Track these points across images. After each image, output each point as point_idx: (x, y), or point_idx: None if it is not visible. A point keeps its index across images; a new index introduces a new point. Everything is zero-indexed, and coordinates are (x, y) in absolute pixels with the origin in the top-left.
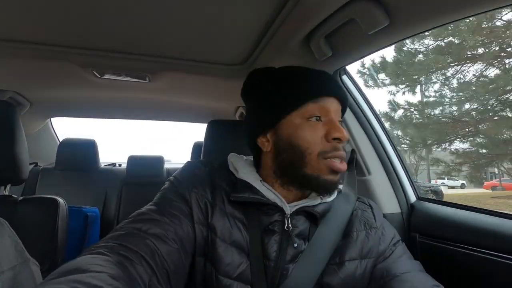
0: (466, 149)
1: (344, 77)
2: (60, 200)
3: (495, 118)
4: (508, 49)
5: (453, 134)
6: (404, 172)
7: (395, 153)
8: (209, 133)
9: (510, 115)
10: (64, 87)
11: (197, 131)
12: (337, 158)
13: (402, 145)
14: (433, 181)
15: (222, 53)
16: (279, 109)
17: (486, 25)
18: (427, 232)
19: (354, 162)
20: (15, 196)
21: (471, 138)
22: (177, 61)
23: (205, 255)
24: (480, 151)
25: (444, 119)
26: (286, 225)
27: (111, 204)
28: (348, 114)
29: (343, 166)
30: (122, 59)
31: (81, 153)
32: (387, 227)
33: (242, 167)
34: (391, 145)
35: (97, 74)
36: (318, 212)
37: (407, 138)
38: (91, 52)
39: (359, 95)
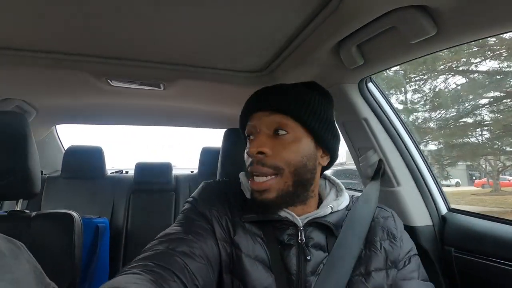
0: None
1: (370, 85)
2: (75, 214)
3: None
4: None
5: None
6: (434, 182)
7: (424, 162)
8: (226, 141)
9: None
10: (73, 95)
11: (204, 137)
12: (256, 175)
13: None
14: None
15: (242, 61)
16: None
17: None
18: (462, 245)
19: (380, 172)
20: (28, 211)
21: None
22: (193, 69)
23: (231, 272)
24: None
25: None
26: (299, 238)
27: (119, 212)
28: (375, 124)
29: (261, 185)
30: (136, 67)
31: (88, 160)
32: (406, 238)
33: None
34: (419, 154)
35: (110, 82)
36: (330, 222)
37: None
38: (104, 61)
39: (386, 103)
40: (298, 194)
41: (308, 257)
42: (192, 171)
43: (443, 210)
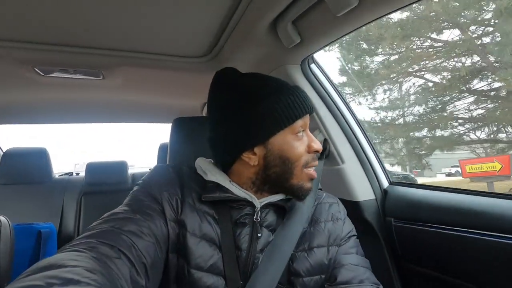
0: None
1: (313, 66)
2: (2, 218)
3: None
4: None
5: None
6: (376, 158)
7: (366, 140)
8: (174, 132)
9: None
10: (2, 89)
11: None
12: (313, 168)
13: None
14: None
15: (183, 45)
16: (273, 127)
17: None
18: (401, 215)
19: (325, 152)
20: None
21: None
22: (133, 54)
23: (177, 251)
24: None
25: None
26: (255, 217)
27: (69, 217)
28: (319, 104)
29: (315, 173)
30: (70, 54)
31: (30, 163)
32: (348, 222)
33: (211, 170)
34: (362, 133)
35: (40, 72)
36: (287, 205)
37: None
38: (31, 46)
39: (329, 84)
40: None
41: (259, 234)
42: (150, 169)
43: (385, 184)
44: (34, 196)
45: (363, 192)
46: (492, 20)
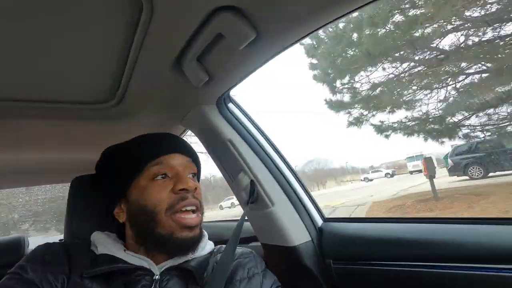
0: None
1: (230, 105)
2: None
3: None
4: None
5: None
6: (307, 195)
7: (295, 177)
8: (74, 193)
9: None
10: None
11: None
12: (188, 207)
13: None
14: None
15: (83, 90)
16: (125, 177)
17: None
18: (340, 255)
19: (253, 195)
20: None
21: None
22: (16, 104)
23: None
24: None
25: None
26: (152, 287)
27: None
28: (241, 144)
29: (196, 219)
30: None
31: None
32: (268, 274)
33: (103, 242)
34: (289, 170)
35: None
36: (191, 266)
37: None
38: None
39: (249, 123)
40: None
41: None
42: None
43: (319, 222)
44: None
45: (298, 234)
46: None
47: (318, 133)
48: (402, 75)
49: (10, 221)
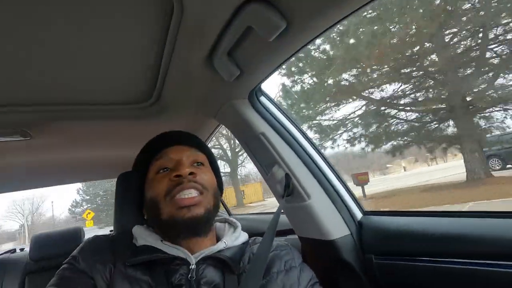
0: None
1: (262, 98)
2: None
3: None
4: None
5: None
6: (344, 188)
7: (331, 170)
8: (119, 189)
9: None
10: None
11: None
12: (184, 191)
13: None
14: None
15: (121, 91)
16: (139, 176)
17: None
18: (382, 250)
19: (289, 188)
20: None
21: None
22: (64, 107)
23: None
24: None
25: None
26: (190, 275)
27: None
28: (274, 137)
29: (193, 199)
30: None
31: None
32: (306, 268)
33: (142, 235)
34: (325, 163)
35: None
36: (225, 256)
37: None
38: None
39: (282, 116)
40: (213, 218)
41: None
42: (111, 230)
43: (359, 215)
44: None
45: (336, 228)
46: None
47: None
48: None
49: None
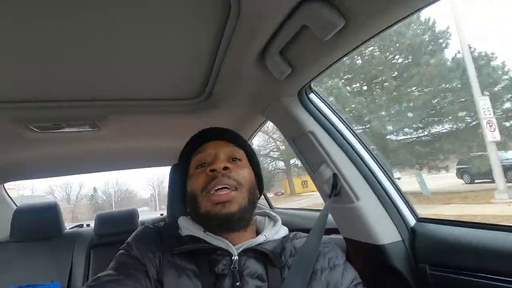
0: None
1: (312, 96)
2: None
3: None
4: None
5: None
6: (397, 191)
7: (383, 172)
8: (171, 179)
9: None
10: (4, 150)
11: None
12: (219, 186)
13: None
14: None
15: (175, 88)
16: (182, 170)
17: None
18: (438, 261)
19: (336, 188)
20: None
21: None
22: (127, 103)
23: None
24: None
25: None
26: (232, 266)
27: (77, 272)
28: (323, 136)
29: (226, 195)
30: (62, 109)
31: (41, 219)
32: (349, 267)
33: (186, 225)
34: (377, 164)
35: (34, 129)
36: (266, 249)
37: None
38: (23, 105)
39: (332, 114)
40: (249, 214)
41: (238, 283)
42: (162, 214)
43: (412, 221)
44: (44, 253)
45: (386, 233)
46: None
47: None
48: None
49: None
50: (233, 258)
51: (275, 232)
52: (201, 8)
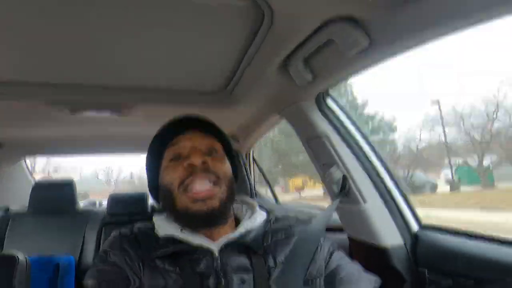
0: None
1: (329, 101)
2: (20, 256)
3: None
4: None
5: None
6: (402, 198)
7: (390, 178)
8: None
9: None
10: (35, 126)
11: None
12: (197, 182)
13: None
14: None
15: (200, 81)
16: (154, 163)
17: None
18: (436, 266)
19: (344, 189)
20: None
21: None
22: (155, 92)
23: None
24: None
25: None
26: (215, 265)
27: (89, 248)
28: (336, 139)
29: (207, 192)
30: (95, 94)
31: (57, 194)
32: (326, 241)
33: (162, 224)
34: (386, 170)
35: (69, 111)
36: (248, 241)
37: None
38: (61, 89)
39: (346, 118)
40: (229, 208)
41: (222, 281)
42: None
43: (415, 227)
44: (58, 227)
45: (389, 236)
46: None
47: None
48: None
49: None
50: (215, 255)
51: (254, 220)
52: (237, 14)
